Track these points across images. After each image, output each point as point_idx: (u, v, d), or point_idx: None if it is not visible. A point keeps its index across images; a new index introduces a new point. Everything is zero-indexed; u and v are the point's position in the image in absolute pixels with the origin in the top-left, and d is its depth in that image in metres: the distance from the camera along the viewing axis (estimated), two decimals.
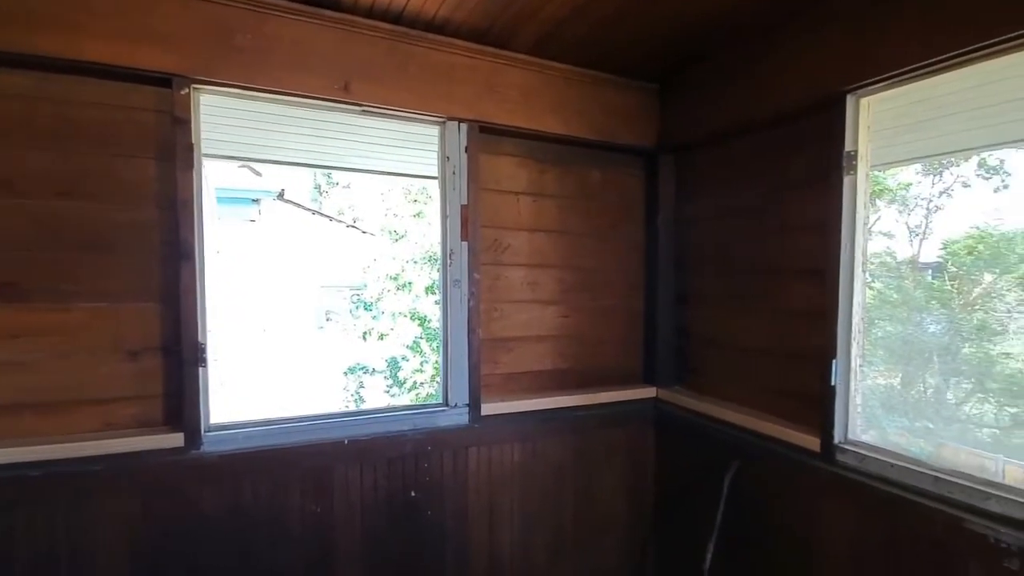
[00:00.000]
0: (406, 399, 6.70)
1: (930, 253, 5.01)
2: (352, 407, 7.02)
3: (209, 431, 1.90)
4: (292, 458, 1.99)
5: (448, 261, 2.25)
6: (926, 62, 1.59)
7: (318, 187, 10.54)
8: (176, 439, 1.82)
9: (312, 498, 2.03)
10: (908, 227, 5.23)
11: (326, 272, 9.79)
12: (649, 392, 2.72)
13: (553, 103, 2.38)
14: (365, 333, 7.20)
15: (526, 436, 2.42)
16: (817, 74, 1.89)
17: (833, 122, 1.86)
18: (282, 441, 1.98)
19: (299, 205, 9.62)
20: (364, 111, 2.06)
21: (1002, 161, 4.69)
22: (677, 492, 2.61)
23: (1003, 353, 4.19)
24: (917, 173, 5.14)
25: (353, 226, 10.06)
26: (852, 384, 1.87)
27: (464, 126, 2.22)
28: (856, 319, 1.85)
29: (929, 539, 1.59)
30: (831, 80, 1.84)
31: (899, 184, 5.23)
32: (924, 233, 5.18)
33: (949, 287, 4.59)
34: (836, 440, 1.87)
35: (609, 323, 2.73)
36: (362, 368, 7.52)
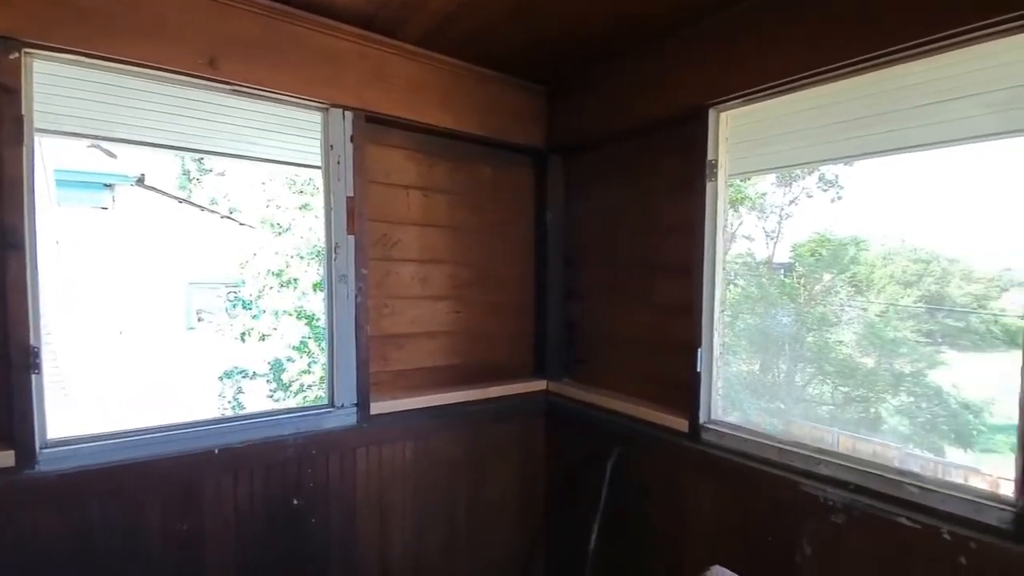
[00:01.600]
0: (292, 403, 6.33)
1: (783, 255, 5.68)
2: (230, 414, 6.48)
3: (46, 447, 1.65)
4: (151, 473, 1.79)
5: (333, 255, 2.15)
6: (771, 83, 1.80)
7: (187, 173, 9.52)
8: (6, 458, 1.56)
9: (177, 515, 1.85)
10: (765, 231, 5.87)
11: (196, 267, 8.92)
12: (539, 385, 2.80)
13: (442, 97, 2.36)
14: (244, 333, 6.70)
15: (418, 434, 2.39)
16: (686, 87, 2.06)
17: (698, 132, 2.03)
18: (138, 455, 1.77)
19: (163, 192, 8.66)
20: (234, 91, 1.90)
21: (837, 176, 5.44)
22: (567, 479, 2.73)
23: (837, 340, 4.90)
24: (772, 184, 5.79)
25: (229, 217, 9.25)
26: (715, 371, 2.07)
27: (349, 114, 2.13)
28: (718, 312, 2.05)
29: (773, 501, 1.81)
30: (696, 94, 2.02)
31: (757, 193, 5.86)
32: (777, 237, 5.85)
33: (797, 284, 5.26)
34: (701, 421, 2.06)
35: (500, 318, 2.77)
36: (241, 372, 6.99)
